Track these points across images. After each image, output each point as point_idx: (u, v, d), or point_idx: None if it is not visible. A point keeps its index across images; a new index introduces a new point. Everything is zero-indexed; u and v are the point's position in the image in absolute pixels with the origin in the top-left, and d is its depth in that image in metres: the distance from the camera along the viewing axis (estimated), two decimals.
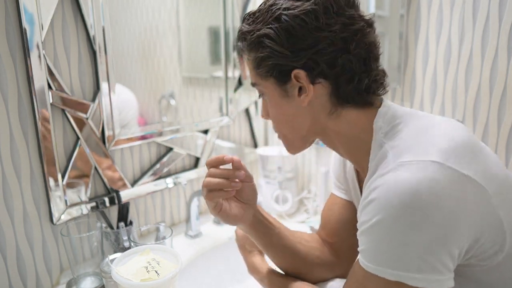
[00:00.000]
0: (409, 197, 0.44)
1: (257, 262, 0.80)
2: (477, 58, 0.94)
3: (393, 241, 0.45)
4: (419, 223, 0.44)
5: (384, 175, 0.48)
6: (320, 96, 0.58)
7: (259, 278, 0.78)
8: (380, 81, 0.60)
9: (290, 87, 0.59)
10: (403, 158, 0.48)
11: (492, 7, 0.89)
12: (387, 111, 0.57)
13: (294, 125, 0.64)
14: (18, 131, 0.79)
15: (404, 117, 0.56)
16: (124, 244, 0.92)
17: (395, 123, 0.55)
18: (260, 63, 0.59)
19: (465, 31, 0.94)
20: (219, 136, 1.27)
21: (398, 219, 0.45)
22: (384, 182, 0.47)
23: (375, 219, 0.46)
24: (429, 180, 0.45)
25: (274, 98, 0.62)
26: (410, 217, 0.44)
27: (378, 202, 0.47)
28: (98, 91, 0.91)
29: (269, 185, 1.26)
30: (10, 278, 0.82)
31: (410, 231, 0.44)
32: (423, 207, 0.44)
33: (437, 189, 0.44)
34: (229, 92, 1.25)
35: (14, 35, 0.76)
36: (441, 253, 0.44)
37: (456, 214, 0.44)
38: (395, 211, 0.45)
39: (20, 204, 0.82)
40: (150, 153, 1.08)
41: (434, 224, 0.44)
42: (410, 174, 0.46)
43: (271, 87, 0.61)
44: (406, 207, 0.44)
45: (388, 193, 0.46)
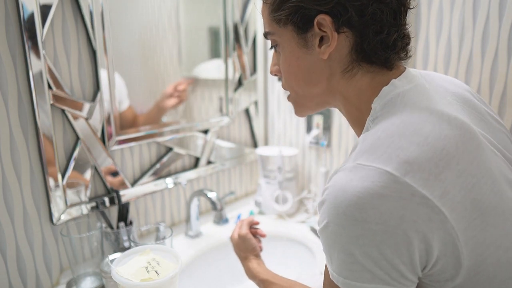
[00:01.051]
0: (353, 209, 0.42)
1: (253, 267, 0.80)
2: (477, 58, 0.94)
3: (341, 250, 0.44)
4: (363, 237, 0.42)
5: (340, 172, 0.47)
6: (341, 49, 0.52)
7: (257, 283, 0.78)
8: (406, 41, 0.53)
9: (311, 36, 0.53)
10: (362, 159, 0.45)
11: (492, 7, 0.89)
12: (390, 91, 0.51)
13: (308, 81, 0.57)
14: (18, 131, 0.79)
15: (400, 106, 0.50)
16: (124, 244, 0.92)
17: (386, 110, 0.50)
18: (281, 4, 0.52)
19: (465, 31, 0.94)
20: (219, 136, 1.27)
21: (344, 228, 0.43)
22: (335, 185, 0.45)
23: (325, 223, 0.45)
24: (378, 194, 0.42)
25: (290, 48, 0.56)
26: (355, 230, 0.42)
27: (327, 206, 0.45)
28: (98, 91, 0.91)
29: (269, 185, 1.26)
30: (10, 278, 0.82)
31: (356, 243, 0.43)
32: (367, 221, 0.42)
33: (385, 206, 0.41)
34: (229, 92, 1.25)
35: (14, 35, 0.76)
36: (388, 268, 0.43)
37: (403, 236, 0.42)
38: (341, 220, 0.43)
39: (20, 204, 0.82)
40: (150, 153, 1.08)
41: (378, 240, 0.42)
42: (360, 183, 0.43)
43: (288, 35, 0.55)
44: (351, 219, 0.42)
45: (335, 200, 0.44)
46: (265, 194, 1.27)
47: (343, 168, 0.47)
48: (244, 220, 0.88)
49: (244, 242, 0.84)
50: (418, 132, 0.46)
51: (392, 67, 0.53)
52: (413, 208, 0.42)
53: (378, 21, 0.50)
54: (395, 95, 0.51)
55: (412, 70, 0.55)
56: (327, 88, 0.57)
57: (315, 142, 1.29)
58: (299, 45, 0.55)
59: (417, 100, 0.50)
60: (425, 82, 0.55)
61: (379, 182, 0.42)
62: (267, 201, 1.26)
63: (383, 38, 0.51)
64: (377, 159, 0.44)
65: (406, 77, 0.53)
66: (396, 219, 0.41)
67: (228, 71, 1.24)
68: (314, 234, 1.14)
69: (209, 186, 1.27)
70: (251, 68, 1.33)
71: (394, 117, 0.48)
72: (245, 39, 1.27)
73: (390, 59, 0.53)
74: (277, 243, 1.15)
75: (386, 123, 0.48)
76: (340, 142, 1.24)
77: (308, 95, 0.59)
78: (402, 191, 0.42)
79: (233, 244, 0.87)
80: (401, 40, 0.52)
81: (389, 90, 0.51)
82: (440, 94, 0.55)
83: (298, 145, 1.37)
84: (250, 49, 1.31)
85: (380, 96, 0.52)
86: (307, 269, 1.03)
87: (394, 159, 0.43)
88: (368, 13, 0.49)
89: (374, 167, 0.43)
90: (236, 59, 1.25)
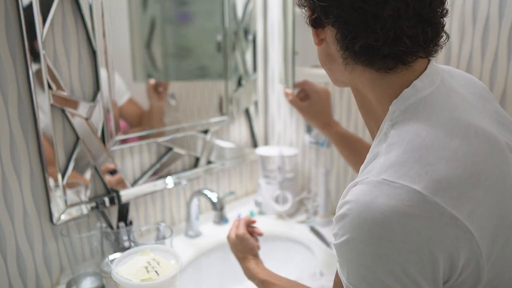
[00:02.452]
0: (379, 227, 0.41)
1: (252, 267, 0.80)
2: (477, 58, 0.94)
3: (361, 266, 0.43)
4: (387, 255, 0.41)
5: (361, 185, 0.45)
6: (331, 43, 0.54)
7: (256, 283, 0.78)
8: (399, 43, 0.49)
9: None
10: (387, 174, 0.43)
11: (492, 7, 0.89)
12: (411, 95, 0.48)
13: (330, 74, 0.62)
14: (18, 131, 0.79)
15: (424, 113, 0.47)
16: (124, 244, 0.92)
17: (408, 116, 0.47)
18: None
19: (465, 31, 0.94)
20: (219, 136, 1.27)
21: (368, 246, 0.42)
22: (358, 200, 0.43)
23: (345, 238, 0.44)
24: (406, 213, 0.40)
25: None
26: (379, 248, 0.42)
27: (350, 221, 0.44)
28: (98, 91, 0.91)
29: (269, 185, 1.26)
30: (10, 278, 0.82)
31: (377, 261, 0.42)
32: (393, 240, 0.41)
33: (412, 225, 0.40)
34: (229, 92, 1.25)
35: (14, 35, 0.76)
36: (410, 285, 0.42)
37: (428, 252, 0.41)
38: (365, 238, 0.42)
39: (20, 204, 0.82)
40: (150, 153, 1.08)
41: (402, 259, 0.41)
42: (386, 200, 0.41)
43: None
44: (376, 237, 0.41)
45: (359, 216, 0.42)
46: (265, 194, 1.27)
47: (365, 182, 0.45)
48: (241, 220, 0.88)
49: (242, 242, 0.83)
50: (446, 146, 0.44)
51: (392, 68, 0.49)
52: (441, 228, 0.41)
53: (344, 24, 0.48)
54: (418, 100, 0.48)
55: (434, 65, 0.52)
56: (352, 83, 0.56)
57: (315, 142, 1.29)
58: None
59: (441, 108, 0.48)
60: (446, 81, 0.52)
61: (408, 201, 0.41)
62: (267, 201, 1.26)
63: (352, 41, 0.47)
64: (404, 176, 0.42)
65: (428, 76, 0.49)
66: (423, 239, 0.40)
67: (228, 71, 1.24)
68: (314, 234, 1.14)
69: (209, 186, 1.27)
70: (251, 68, 1.33)
71: (419, 127, 0.46)
72: (245, 38, 1.27)
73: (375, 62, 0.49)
74: (277, 243, 1.15)
75: (410, 133, 0.46)
76: None
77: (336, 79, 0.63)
78: (431, 211, 0.41)
79: (230, 244, 0.86)
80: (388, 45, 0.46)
81: (410, 93, 0.48)
82: (462, 97, 0.52)
83: (298, 145, 1.37)
84: (250, 48, 1.30)
85: (401, 99, 0.49)
86: (307, 269, 1.03)
87: (423, 177, 0.42)
88: (333, 15, 0.48)
89: (402, 185, 0.42)
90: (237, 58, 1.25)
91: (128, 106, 0.99)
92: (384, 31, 0.45)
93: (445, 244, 0.41)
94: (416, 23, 0.45)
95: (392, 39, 0.45)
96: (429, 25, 0.46)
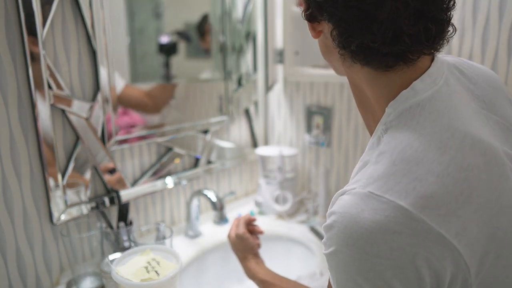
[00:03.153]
0: (364, 243, 0.40)
1: (252, 267, 0.80)
2: (477, 58, 0.94)
3: (348, 278, 0.43)
4: (373, 271, 0.41)
5: (347, 196, 0.44)
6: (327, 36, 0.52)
7: (256, 283, 0.78)
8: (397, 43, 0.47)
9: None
10: (374, 187, 0.42)
11: (492, 7, 0.89)
12: (409, 98, 0.45)
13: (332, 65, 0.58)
14: (18, 131, 0.79)
15: (419, 119, 0.44)
16: (124, 244, 0.92)
17: (403, 121, 0.45)
18: None
19: (465, 31, 0.94)
20: (219, 136, 1.27)
21: (352, 260, 0.42)
22: (344, 213, 0.42)
23: (332, 249, 0.44)
24: (389, 229, 0.39)
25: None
26: (363, 263, 0.41)
27: (335, 233, 0.43)
28: (98, 91, 0.91)
29: (269, 185, 1.26)
30: (10, 278, 0.82)
31: (364, 275, 0.41)
32: (379, 256, 0.40)
33: (395, 242, 0.39)
34: (229, 92, 1.25)
35: (14, 35, 0.76)
36: None
37: (414, 269, 0.40)
38: (350, 252, 0.41)
39: (20, 204, 0.82)
40: (150, 153, 1.08)
41: (388, 274, 0.40)
42: (371, 216, 0.40)
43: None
44: (360, 252, 0.41)
45: (345, 230, 0.42)
46: (265, 194, 1.27)
47: (352, 193, 0.43)
48: (241, 219, 0.88)
49: (242, 242, 0.83)
50: (438, 159, 0.42)
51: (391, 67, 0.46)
52: (427, 246, 0.39)
53: (339, 22, 0.45)
54: (415, 104, 0.45)
55: (440, 61, 0.48)
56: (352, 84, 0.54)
57: (315, 142, 1.29)
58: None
59: (439, 114, 0.45)
60: (451, 81, 0.49)
61: (393, 218, 0.39)
62: (267, 201, 1.26)
63: (348, 40, 0.45)
64: (391, 190, 0.41)
65: (431, 76, 0.46)
66: (408, 256, 0.39)
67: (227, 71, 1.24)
68: (314, 234, 1.14)
69: (209, 186, 1.27)
70: (251, 68, 1.33)
71: (411, 136, 0.43)
72: (245, 38, 1.27)
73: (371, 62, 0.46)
74: (277, 243, 1.15)
75: (402, 142, 0.43)
76: (340, 142, 1.24)
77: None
78: (417, 228, 0.39)
79: (230, 243, 0.86)
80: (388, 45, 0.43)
81: (408, 96, 0.46)
82: (465, 100, 0.49)
83: (298, 145, 1.37)
84: (250, 48, 1.30)
85: (397, 101, 0.46)
86: (307, 269, 1.03)
87: (410, 193, 0.40)
88: (327, 13, 0.46)
89: (388, 200, 0.40)
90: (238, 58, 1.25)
91: (127, 90, 0.98)
92: (381, 31, 0.42)
93: (431, 261, 0.40)
94: (418, 21, 0.42)
95: (391, 39, 0.42)
96: (433, 21, 0.42)
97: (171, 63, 1.09)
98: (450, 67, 0.51)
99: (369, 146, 0.49)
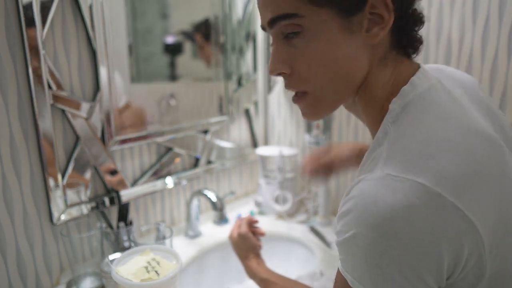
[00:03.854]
0: (384, 222, 0.41)
1: (253, 266, 0.80)
2: (477, 58, 0.94)
3: (367, 261, 0.43)
4: (392, 250, 0.41)
5: (365, 182, 0.44)
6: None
7: (257, 282, 0.78)
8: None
9: (360, 17, 0.46)
10: (391, 169, 0.43)
11: (492, 7, 0.89)
12: (409, 92, 0.48)
13: (345, 73, 0.50)
14: (18, 131, 0.79)
15: (422, 109, 0.47)
16: (124, 244, 0.92)
17: (407, 112, 0.47)
18: None
19: (465, 31, 0.94)
20: (219, 136, 1.27)
21: (372, 242, 0.42)
22: (363, 195, 0.43)
23: (350, 234, 0.44)
24: (408, 205, 0.40)
25: (328, 34, 0.47)
26: (384, 243, 0.41)
27: (354, 217, 0.43)
28: (98, 91, 0.91)
29: (269, 185, 1.26)
30: (10, 278, 0.82)
31: (383, 256, 0.42)
32: (399, 237, 0.41)
33: (415, 218, 0.40)
34: (229, 92, 1.25)
35: (14, 35, 0.76)
36: (414, 279, 0.42)
37: (433, 245, 0.41)
38: (370, 232, 0.42)
39: (20, 204, 0.82)
40: (150, 153, 1.08)
41: (407, 253, 0.41)
42: (391, 195, 0.41)
43: (326, 17, 0.46)
44: (381, 232, 0.41)
45: (364, 211, 0.42)
46: (265, 194, 1.27)
47: (369, 178, 0.44)
48: (243, 219, 0.88)
49: (244, 241, 0.83)
50: (448, 140, 0.44)
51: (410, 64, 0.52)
52: (444, 219, 0.41)
53: (414, 5, 0.49)
54: (416, 96, 0.48)
55: (423, 65, 0.53)
56: (360, 80, 0.51)
57: (315, 142, 1.29)
58: (342, 29, 0.47)
59: (440, 104, 0.48)
60: (440, 79, 0.53)
61: (411, 194, 0.41)
62: (267, 201, 1.26)
63: (419, 25, 0.50)
64: (407, 169, 0.42)
65: (423, 74, 0.50)
66: (427, 231, 0.40)
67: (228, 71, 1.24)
68: (314, 234, 1.14)
69: (209, 186, 1.27)
70: (251, 68, 1.33)
71: (419, 122, 0.46)
72: (245, 38, 1.27)
73: (418, 49, 0.52)
74: (277, 243, 1.15)
75: (412, 129, 0.46)
76: (340, 142, 1.24)
77: (338, 90, 0.51)
78: (434, 201, 0.41)
79: (232, 243, 0.86)
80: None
81: (408, 90, 0.48)
82: (457, 95, 0.52)
83: (298, 145, 1.37)
84: (250, 48, 1.30)
85: (400, 97, 0.48)
86: (307, 269, 1.03)
87: (425, 169, 0.42)
88: None
89: (405, 178, 0.42)
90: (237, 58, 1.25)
91: (127, 109, 0.98)
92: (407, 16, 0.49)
93: (449, 234, 0.41)
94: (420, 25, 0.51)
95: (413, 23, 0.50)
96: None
97: (177, 63, 1.09)
98: (433, 68, 0.57)
99: (374, 142, 0.50)
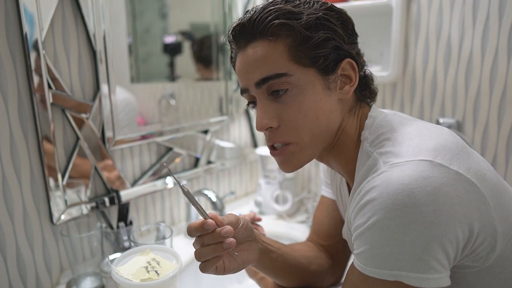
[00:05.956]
0: (402, 196, 0.44)
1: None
2: (477, 58, 0.94)
3: (390, 242, 0.45)
4: (414, 222, 0.43)
5: (376, 177, 0.48)
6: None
7: (257, 280, 0.78)
8: None
9: (334, 78, 0.57)
10: (394, 161, 0.48)
11: (492, 7, 0.89)
12: (372, 122, 0.58)
13: (327, 123, 0.58)
14: (18, 131, 0.79)
15: (389, 126, 0.56)
16: (124, 244, 0.92)
17: (381, 131, 0.55)
18: (321, 44, 0.54)
19: (465, 31, 0.94)
20: (219, 136, 1.27)
21: (393, 219, 0.44)
22: (377, 184, 0.47)
23: (371, 221, 0.46)
24: (421, 177, 0.45)
25: (313, 90, 0.55)
26: (405, 217, 0.44)
27: (372, 204, 0.46)
28: (98, 91, 0.91)
29: (269, 185, 1.26)
30: (10, 278, 0.82)
31: (405, 231, 0.44)
32: (417, 205, 0.43)
33: (429, 186, 0.44)
34: (229, 92, 1.25)
35: (14, 35, 0.76)
36: (437, 251, 0.44)
37: (451, 212, 0.44)
38: (390, 211, 0.44)
39: (20, 204, 0.82)
40: (150, 153, 1.08)
41: (428, 222, 0.43)
42: (402, 173, 0.46)
43: (311, 76, 0.55)
44: (401, 207, 0.44)
45: (381, 194, 0.46)
46: (265, 194, 1.27)
47: (382, 171, 0.48)
48: (246, 216, 0.88)
49: None
50: (431, 130, 0.53)
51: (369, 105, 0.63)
52: (452, 184, 0.45)
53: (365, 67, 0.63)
54: (381, 119, 0.58)
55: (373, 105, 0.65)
56: (335, 129, 0.59)
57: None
58: (323, 87, 0.56)
59: (401, 118, 0.58)
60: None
61: (419, 168, 0.46)
62: (267, 201, 1.26)
63: (372, 82, 0.63)
64: (407, 155, 0.48)
65: (374, 108, 0.62)
66: (442, 196, 0.44)
67: (227, 71, 1.24)
68: None
69: (209, 186, 1.27)
70: None
71: (398, 130, 0.54)
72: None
73: (375, 99, 0.64)
74: None
75: (396, 135, 0.53)
76: None
77: (318, 140, 0.58)
78: (439, 170, 0.46)
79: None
80: None
81: (371, 121, 0.58)
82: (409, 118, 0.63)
83: None
84: None
85: (366, 127, 0.58)
86: None
87: (422, 150, 0.48)
88: (361, 55, 0.61)
89: (408, 161, 0.47)
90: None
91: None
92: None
93: (460, 198, 0.45)
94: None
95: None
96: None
97: (176, 63, 1.09)
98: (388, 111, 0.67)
99: (359, 165, 0.57)
